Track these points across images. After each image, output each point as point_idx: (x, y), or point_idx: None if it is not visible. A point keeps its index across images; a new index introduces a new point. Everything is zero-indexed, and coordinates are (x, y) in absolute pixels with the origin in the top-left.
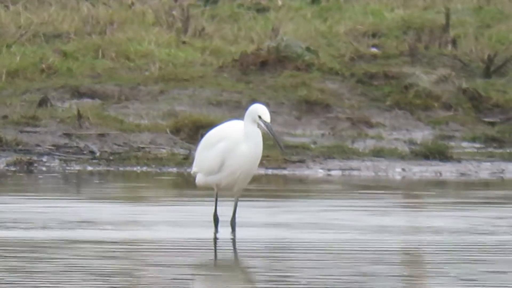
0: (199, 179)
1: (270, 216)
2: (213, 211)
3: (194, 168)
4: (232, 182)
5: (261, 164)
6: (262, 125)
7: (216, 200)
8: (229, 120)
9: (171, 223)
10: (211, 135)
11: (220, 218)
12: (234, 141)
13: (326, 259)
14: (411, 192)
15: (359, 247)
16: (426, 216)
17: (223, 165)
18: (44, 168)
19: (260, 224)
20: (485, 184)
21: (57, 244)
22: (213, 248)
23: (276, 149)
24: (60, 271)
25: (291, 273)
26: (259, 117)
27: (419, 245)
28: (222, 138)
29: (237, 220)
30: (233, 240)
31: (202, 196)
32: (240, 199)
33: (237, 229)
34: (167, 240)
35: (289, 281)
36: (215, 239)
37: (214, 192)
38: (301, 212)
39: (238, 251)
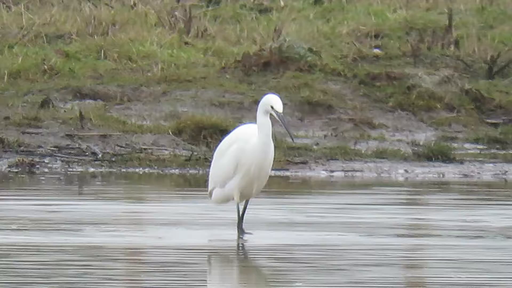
0: (217, 194)
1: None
2: (237, 222)
3: (210, 186)
4: (249, 183)
5: None
6: (274, 115)
7: (239, 212)
8: (239, 123)
9: (173, 224)
10: (223, 144)
11: (222, 216)
12: (245, 140)
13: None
14: (414, 190)
15: (361, 247)
16: (428, 215)
17: (237, 167)
18: (46, 170)
19: (264, 223)
20: (488, 186)
21: (57, 247)
22: (218, 249)
23: (278, 150)
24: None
25: (293, 271)
26: (271, 107)
27: (422, 245)
28: (233, 141)
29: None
30: (240, 242)
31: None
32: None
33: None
34: (170, 240)
35: (289, 279)
36: (238, 243)
37: (236, 204)
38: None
39: (239, 251)
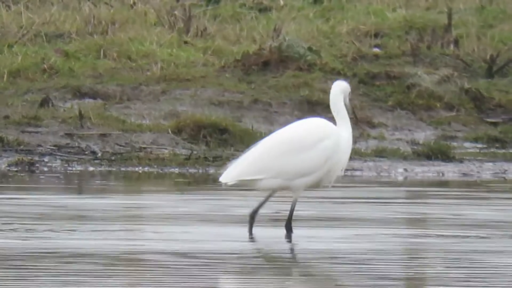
0: (270, 184)
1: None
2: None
3: (260, 175)
4: (330, 176)
5: None
6: (347, 100)
7: (293, 210)
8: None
9: (176, 221)
10: (304, 137)
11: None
12: (337, 136)
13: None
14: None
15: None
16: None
17: (326, 162)
18: (45, 169)
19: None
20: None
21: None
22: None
23: None
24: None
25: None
26: (349, 93)
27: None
28: (325, 136)
29: (237, 215)
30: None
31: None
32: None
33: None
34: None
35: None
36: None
37: (294, 200)
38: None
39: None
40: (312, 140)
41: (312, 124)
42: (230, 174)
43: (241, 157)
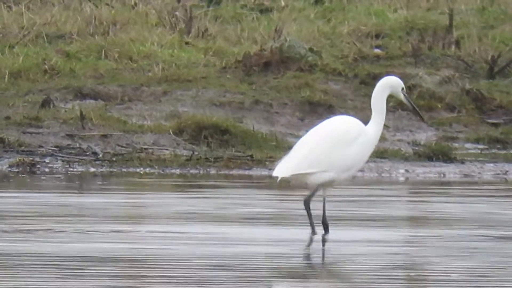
0: (323, 177)
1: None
2: (323, 216)
3: (317, 168)
4: (354, 172)
5: (264, 165)
6: (403, 96)
7: (325, 206)
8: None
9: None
10: (346, 132)
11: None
12: (368, 134)
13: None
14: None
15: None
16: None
17: (362, 158)
18: (46, 169)
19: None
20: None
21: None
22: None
23: (279, 149)
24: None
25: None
26: (403, 88)
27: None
28: (360, 133)
29: (240, 215)
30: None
31: (205, 194)
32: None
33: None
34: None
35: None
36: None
37: (323, 195)
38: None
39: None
40: (353, 136)
41: (349, 121)
42: (285, 168)
43: (290, 152)
